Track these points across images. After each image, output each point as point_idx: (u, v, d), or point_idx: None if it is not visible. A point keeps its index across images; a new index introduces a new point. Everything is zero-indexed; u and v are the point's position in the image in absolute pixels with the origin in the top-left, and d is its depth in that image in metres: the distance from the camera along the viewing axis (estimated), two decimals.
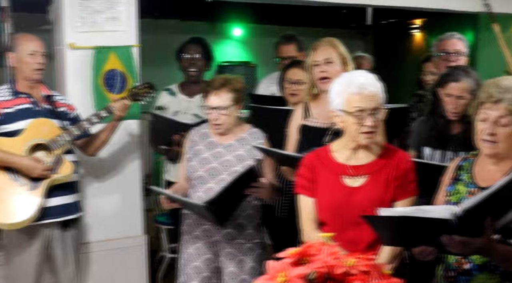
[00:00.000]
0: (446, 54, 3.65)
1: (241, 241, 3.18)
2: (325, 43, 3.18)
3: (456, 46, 3.67)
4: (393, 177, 2.48)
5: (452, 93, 2.97)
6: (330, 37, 3.31)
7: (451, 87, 2.99)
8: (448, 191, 2.39)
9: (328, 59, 3.11)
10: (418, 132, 3.23)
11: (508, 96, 2.18)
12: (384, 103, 2.48)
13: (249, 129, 3.26)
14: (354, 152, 2.53)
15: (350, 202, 2.47)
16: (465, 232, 1.99)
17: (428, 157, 3.11)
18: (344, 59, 3.12)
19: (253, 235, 3.21)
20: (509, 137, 2.20)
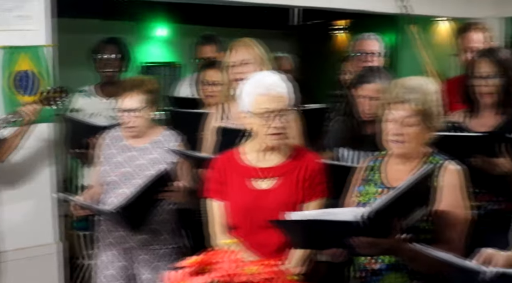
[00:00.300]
0: (362, 54, 3.67)
1: (156, 246, 3.10)
2: (241, 44, 3.14)
3: (372, 47, 3.70)
4: (302, 178, 2.47)
5: (365, 95, 2.99)
6: (251, 37, 3.26)
7: (364, 88, 3.00)
8: (358, 191, 2.40)
9: (244, 60, 3.06)
10: (334, 133, 3.23)
11: (413, 96, 2.19)
12: (293, 104, 2.46)
13: (164, 132, 3.18)
14: (263, 153, 2.50)
15: (260, 205, 2.44)
16: (372, 233, 2.00)
17: (344, 158, 3.12)
18: (261, 60, 3.07)
19: (168, 240, 3.14)
20: (416, 137, 2.22)
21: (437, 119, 2.26)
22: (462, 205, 2.24)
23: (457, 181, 2.24)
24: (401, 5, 5.25)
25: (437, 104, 2.26)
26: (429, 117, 2.22)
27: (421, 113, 2.20)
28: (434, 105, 2.24)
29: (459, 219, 2.22)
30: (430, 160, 2.29)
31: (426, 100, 2.20)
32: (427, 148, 2.33)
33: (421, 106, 2.19)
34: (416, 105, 2.19)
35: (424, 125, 2.22)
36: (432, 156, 2.30)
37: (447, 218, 2.20)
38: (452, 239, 2.20)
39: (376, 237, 2.01)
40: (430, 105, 2.22)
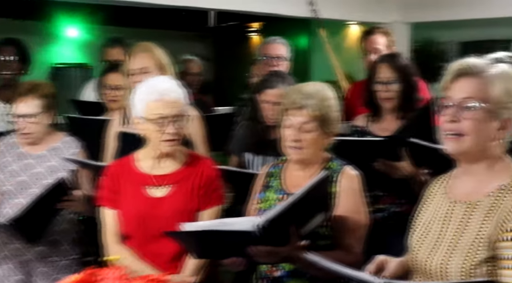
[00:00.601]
0: (268, 58, 3.66)
1: (55, 258, 2.97)
2: (140, 50, 3.00)
3: (278, 51, 3.69)
4: (197, 185, 2.42)
5: (268, 100, 2.97)
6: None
7: (267, 93, 2.99)
8: (259, 198, 2.37)
9: (143, 69, 2.92)
10: (239, 137, 3.21)
11: (310, 102, 2.19)
12: (187, 110, 2.41)
13: (63, 138, 3.05)
14: (158, 160, 2.45)
15: (154, 213, 2.37)
16: (270, 241, 1.97)
17: (249, 163, 3.09)
18: (161, 65, 2.96)
19: (69, 251, 3.01)
20: (314, 143, 2.22)
21: (335, 125, 2.27)
22: (360, 210, 2.26)
23: (355, 186, 2.26)
24: (311, 9, 5.30)
25: (334, 110, 2.26)
26: (327, 123, 2.22)
27: (318, 119, 2.20)
28: (332, 111, 2.25)
29: (358, 224, 2.23)
30: (329, 166, 2.29)
31: (323, 106, 2.21)
32: (326, 154, 2.33)
33: (318, 112, 2.19)
34: (313, 111, 2.19)
35: (321, 131, 2.22)
36: (331, 161, 2.31)
37: (346, 223, 2.21)
38: (351, 244, 2.21)
39: (274, 245, 1.99)
40: (327, 111, 2.22)
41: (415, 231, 1.89)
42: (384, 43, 3.81)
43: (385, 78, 2.95)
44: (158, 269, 2.35)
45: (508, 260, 1.62)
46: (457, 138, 1.73)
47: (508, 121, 1.74)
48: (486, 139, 1.73)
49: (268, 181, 2.37)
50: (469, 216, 1.73)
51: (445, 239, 1.76)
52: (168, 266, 2.36)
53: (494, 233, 1.65)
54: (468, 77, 1.75)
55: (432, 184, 1.96)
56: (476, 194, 1.75)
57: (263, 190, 2.37)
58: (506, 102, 1.72)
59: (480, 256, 1.65)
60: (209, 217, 2.39)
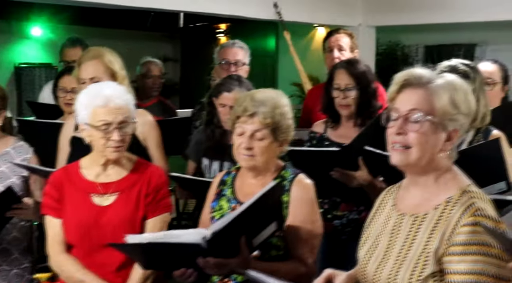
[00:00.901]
0: (226, 63, 3.60)
1: (6, 267, 2.88)
2: (90, 57, 2.86)
3: (236, 56, 3.62)
4: (144, 193, 2.37)
5: (225, 103, 2.92)
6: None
7: (224, 97, 2.94)
8: (212, 207, 2.32)
9: (94, 78, 2.79)
10: (196, 142, 3.15)
11: (262, 109, 2.15)
12: (133, 116, 2.35)
13: (15, 143, 2.95)
14: (104, 168, 2.39)
15: (99, 222, 2.32)
16: (219, 253, 1.93)
17: (206, 168, 3.04)
18: (112, 72, 2.84)
19: (20, 260, 2.92)
20: (266, 151, 2.18)
21: (288, 132, 2.23)
22: (313, 219, 2.21)
23: (308, 195, 2.22)
24: (275, 12, 5.28)
25: (287, 118, 2.22)
26: (279, 130, 2.18)
27: (270, 126, 2.15)
28: (284, 119, 2.20)
29: (311, 234, 2.19)
30: (282, 174, 2.25)
31: (275, 113, 2.16)
32: (279, 162, 2.29)
33: (270, 120, 2.15)
34: (264, 119, 2.14)
35: (274, 138, 2.18)
36: (284, 170, 2.27)
37: (299, 233, 2.17)
38: (304, 254, 2.17)
39: (223, 257, 1.94)
40: (279, 119, 2.17)
41: (364, 243, 1.87)
42: (347, 43, 3.79)
43: (343, 84, 2.92)
44: (104, 279, 2.30)
45: (455, 274, 1.60)
46: (403, 150, 1.71)
47: (455, 132, 1.72)
48: (433, 151, 1.71)
49: (221, 190, 2.33)
50: (417, 228, 1.70)
51: (393, 252, 1.73)
52: (114, 276, 2.31)
53: (440, 247, 1.63)
54: (414, 88, 1.73)
55: (382, 195, 1.94)
56: (423, 206, 1.73)
57: (216, 198, 2.32)
58: (452, 113, 1.70)
59: (427, 270, 1.63)
60: (156, 225, 2.35)
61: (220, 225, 1.87)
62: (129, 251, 2.05)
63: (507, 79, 3.30)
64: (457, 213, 1.64)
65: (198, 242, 1.84)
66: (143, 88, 4.43)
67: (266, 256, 2.16)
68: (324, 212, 3.00)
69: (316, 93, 3.54)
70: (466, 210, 1.63)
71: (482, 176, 2.17)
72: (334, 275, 1.86)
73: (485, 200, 1.69)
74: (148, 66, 4.49)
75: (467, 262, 1.59)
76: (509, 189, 2.42)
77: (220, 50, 3.64)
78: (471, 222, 1.61)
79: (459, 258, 1.60)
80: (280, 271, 2.07)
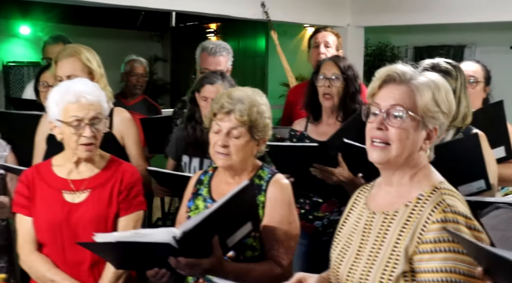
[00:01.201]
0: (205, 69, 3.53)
1: None
2: (67, 55, 2.83)
3: (218, 66, 3.51)
4: (117, 191, 2.34)
5: (207, 96, 2.88)
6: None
7: (207, 90, 2.90)
8: (188, 207, 2.29)
9: (71, 76, 2.75)
10: (176, 139, 3.11)
11: (239, 107, 2.11)
12: (105, 113, 2.32)
13: None
14: (76, 165, 2.35)
15: (71, 219, 2.28)
16: (190, 253, 1.89)
17: (186, 165, 3.00)
18: (89, 70, 2.82)
19: None
20: (242, 150, 2.14)
21: (265, 131, 2.19)
22: (290, 220, 2.17)
23: (285, 196, 2.18)
24: (263, 11, 5.25)
25: (265, 116, 2.18)
26: (256, 129, 2.14)
27: (247, 124, 2.12)
28: (262, 117, 2.16)
29: (287, 235, 2.15)
30: (259, 174, 2.21)
31: (252, 111, 2.12)
32: (256, 161, 2.26)
33: (247, 118, 2.11)
34: (241, 116, 2.10)
35: (250, 137, 2.14)
36: (261, 169, 2.23)
37: (275, 234, 2.13)
38: (280, 255, 2.13)
39: (195, 257, 1.90)
40: (256, 117, 2.14)
41: (337, 244, 1.83)
42: (334, 41, 3.78)
43: (329, 73, 2.90)
44: (76, 278, 2.27)
45: (425, 273, 1.57)
46: (383, 147, 1.68)
47: (434, 131, 1.70)
48: (413, 149, 1.68)
49: (197, 189, 2.29)
50: (387, 227, 1.67)
51: (365, 252, 1.70)
52: (87, 275, 2.28)
53: (411, 245, 1.60)
54: (396, 84, 1.70)
55: (355, 194, 1.91)
56: (395, 204, 1.70)
57: (192, 198, 2.29)
58: (433, 111, 1.68)
59: (397, 270, 1.60)
60: (129, 223, 2.32)
61: (191, 224, 1.82)
62: (98, 250, 2.01)
63: (489, 80, 3.28)
64: (427, 210, 1.61)
65: (168, 242, 1.80)
66: (127, 86, 4.41)
67: (241, 257, 2.13)
68: (305, 213, 2.97)
69: (298, 92, 3.51)
70: (436, 206, 1.61)
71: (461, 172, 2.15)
72: (305, 278, 1.82)
73: (457, 196, 1.67)
74: (132, 64, 4.45)
75: (438, 260, 1.55)
76: (488, 188, 2.39)
77: (201, 54, 3.55)
78: (441, 219, 1.58)
79: (429, 256, 1.57)
80: (254, 272, 2.04)
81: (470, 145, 2.34)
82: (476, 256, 1.43)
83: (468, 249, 1.45)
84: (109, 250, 1.94)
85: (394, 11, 5.97)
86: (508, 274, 1.31)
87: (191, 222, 1.84)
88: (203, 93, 2.93)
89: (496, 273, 1.35)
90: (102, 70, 2.86)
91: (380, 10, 6.06)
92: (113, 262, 2.06)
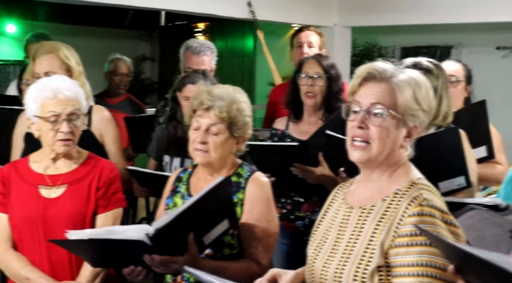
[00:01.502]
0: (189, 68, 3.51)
1: None
2: (45, 52, 2.79)
3: (201, 65, 3.49)
4: (95, 187, 2.32)
5: (189, 96, 2.85)
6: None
7: (188, 89, 2.88)
8: (166, 204, 2.27)
9: (49, 72, 2.72)
10: (158, 139, 3.09)
11: (218, 103, 2.10)
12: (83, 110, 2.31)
13: None
14: (53, 161, 2.33)
15: (47, 215, 2.26)
16: (165, 250, 1.87)
17: (167, 165, 2.98)
18: (68, 67, 2.78)
19: None
20: (221, 147, 2.13)
21: (245, 129, 2.17)
22: (269, 218, 2.15)
23: (264, 194, 2.16)
24: (249, 11, 5.25)
25: (245, 114, 2.17)
26: (236, 126, 2.13)
27: (227, 121, 2.10)
28: (242, 115, 2.15)
29: (266, 233, 2.13)
30: (238, 171, 2.20)
31: (231, 108, 2.11)
32: (236, 159, 2.24)
33: (226, 114, 2.10)
34: (220, 113, 2.09)
35: (230, 134, 2.13)
36: (241, 167, 2.22)
37: (253, 232, 2.11)
38: (258, 254, 2.11)
39: (170, 254, 1.88)
40: (236, 114, 2.12)
41: (314, 240, 1.82)
42: (317, 40, 3.76)
43: (312, 72, 2.89)
44: (54, 276, 2.24)
45: (401, 267, 1.56)
46: (364, 147, 1.67)
47: (414, 129, 1.69)
48: (393, 147, 1.68)
49: (176, 186, 2.27)
50: (364, 221, 1.66)
51: (341, 246, 1.69)
52: (64, 273, 2.25)
53: (387, 239, 1.59)
54: (377, 82, 1.69)
55: (333, 191, 1.90)
56: (372, 199, 1.69)
57: (170, 195, 2.27)
58: (414, 109, 1.67)
59: (372, 264, 1.58)
60: (108, 220, 2.30)
61: (164, 221, 1.80)
62: (72, 248, 1.98)
63: (470, 79, 3.29)
64: (404, 204, 1.61)
65: (141, 239, 1.78)
66: (111, 85, 4.39)
67: (219, 255, 2.11)
68: (286, 213, 2.96)
69: (280, 91, 3.49)
70: (413, 200, 1.60)
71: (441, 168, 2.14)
72: (280, 274, 1.81)
73: (434, 192, 1.66)
74: (116, 63, 4.43)
75: (414, 253, 1.54)
76: (468, 185, 2.39)
77: (185, 53, 3.53)
78: (418, 212, 1.57)
79: (405, 249, 1.56)
80: (231, 270, 2.02)
81: (450, 138, 2.33)
82: (448, 254, 1.41)
83: (440, 247, 1.44)
84: (83, 248, 1.92)
85: (382, 11, 5.97)
86: (480, 273, 1.29)
87: (165, 218, 1.82)
88: (185, 92, 2.91)
89: (467, 271, 1.34)
90: (81, 67, 2.83)
91: (367, 10, 6.07)
92: (89, 260, 2.04)
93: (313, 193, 2.81)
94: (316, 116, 2.94)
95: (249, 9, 5.28)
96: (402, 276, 1.55)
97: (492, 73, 6.88)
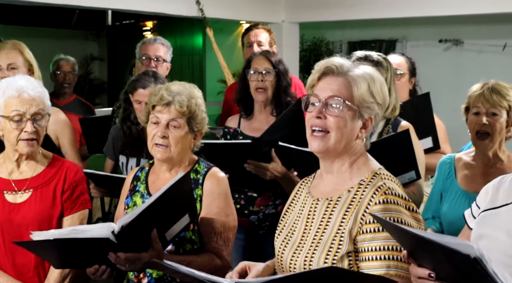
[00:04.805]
0: (147, 58, 3.54)
1: None
2: (9, 47, 2.91)
3: (157, 52, 3.56)
4: (60, 190, 2.34)
5: (140, 100, 2.88)
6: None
7: (139, 93, 2.90)
8: (126, 204, 2.30)
9: (12, 64, 2.86)
10: (113, 139, 3.10)
11: (178, 98, 2.15)
12: (48, 110, 2.32)
13: None
14: (17, 164, 2.33)
15: (13, 220, 2.26)
16: (129, 247, 1.90)
17: (123, 166, 3.00)
18: (30, 66, 2.88)
19: None
20: (181, 141, 2.17)
21: (202, 124, 2.23)
22: (227, 212, 2.21)
23: (221, 189, 2.22)
24: (198, 8, 5.27)
25: (202, 110, 2.23)
26: (194, 121, 2.19)
27: (186, 115, 2.16)
28: (199, 110, 2.21)
29: (225, 227, 2.19)
30: (196, 168, 2.25)
31: (190, 103, 2.17)
32: (193, 155, 2.29)
33: (186, 109, 2.15)
34: (180, 107, 2.14)
35: (189, 128, 2.18)
36: (198, 164, 2.27)
37: (213, 227, 2.17)
38: (219, 247, 2.17)
39: (134, 251, 1.92)
40: (195, 109, 2.18)
41: (280, 233, 1.89)
42: (266, 38, 3.83)
43: (261, 68, 2.95)
44: (22, 279, 2.25)
45: (368, 252, 1.65)
46: (323, 136, 1.75)
47: (370, 121, 1.79)
48: (350, 137, 1.77)
49: (134, 186, 2.30)
50: (331, 211, 1.75)
51: (309, 237, 1.76)
52: (31, 276, 2.26)
53: (354, 227, 1.68)
54: (334, 76, 1.78)
55: (297, 186, 1.98)
56: (337, 191, 1.78)
57: (129, 194, 2.30)
58: (369, 102, 1.76)
59: (342, 250, 1.67)
60: (74, 222, 2.32)
61: (129, 218, 1.84)
62: (37, 249, 1.99)
63: (414, 71, 3.42)
64: (369, 193, 1.70)
65: (107, 237, 1.81)
66: (56, 85, 4.37)
67: (181, 250, 2.16)
68: (240, 208, 3.01)
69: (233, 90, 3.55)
70: (378, 189, 1.70)
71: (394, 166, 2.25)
72: (250, 266, 1.87)
73: (395, 181, 1.77)
74: (58, 62, 4.44)
75: (380, 239, 1.64)
76: (418, 177, 2.51)
77: (141, 46, 3.57)
78: (383, 200, 1.67)
79: (371, 235, 1.66)
80: (194, 264, 2.06)
81: (402, 140, 2.45)
82: (401, 239, 1.50)
83: (393, 234, 1.53)
84: (48, 249, 1.93)
85: (328, 7, 6.09)
86: (433, 256, 1.38)
87: (129, 215, 1.86)
88: (136, 97, 2.92)
89: (420, 255, 1.43)
90: (39, 72, 2.88)
91: (314, 6, 6.18)
92: (53, 261, 2.05)
93: (267, 188, 2.88)
94: (267, 112, 3.01)
95: (198, 7, 5.31)
96: (369, 260, 1.65)
97: (436, 65, 7.10)
